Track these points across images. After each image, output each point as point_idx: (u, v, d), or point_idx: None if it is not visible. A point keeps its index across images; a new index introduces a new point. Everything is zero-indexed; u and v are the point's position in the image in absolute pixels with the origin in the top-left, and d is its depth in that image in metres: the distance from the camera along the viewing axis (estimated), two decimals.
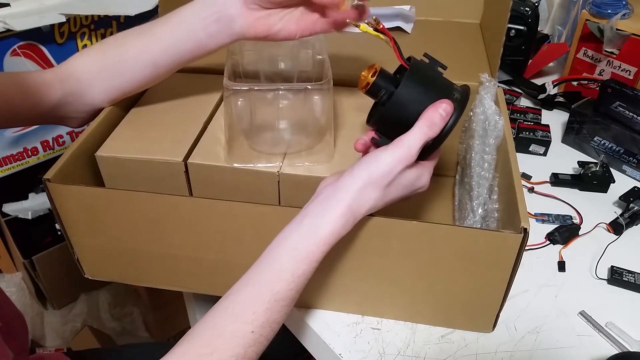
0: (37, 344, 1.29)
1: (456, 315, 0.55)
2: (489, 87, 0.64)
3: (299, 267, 0.43)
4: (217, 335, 0.40)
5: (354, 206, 0.45)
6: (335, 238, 0.45)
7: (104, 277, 0.63)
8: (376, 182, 0.46)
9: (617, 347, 0.55)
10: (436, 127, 0.46)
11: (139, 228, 0.55)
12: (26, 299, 1.34)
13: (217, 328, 0.41)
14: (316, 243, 0.44)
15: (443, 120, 0.47)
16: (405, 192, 0.48)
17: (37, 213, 1.22)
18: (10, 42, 0.97)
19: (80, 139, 0.59)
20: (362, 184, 0.45)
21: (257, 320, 0.41)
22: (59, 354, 0.75)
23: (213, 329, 0.41)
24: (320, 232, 0.44)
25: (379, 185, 0.46)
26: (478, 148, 0.63)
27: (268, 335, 0.43)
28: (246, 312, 0.41)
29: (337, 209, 0.44)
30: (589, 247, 0.67)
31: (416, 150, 0.46)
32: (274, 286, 0.43)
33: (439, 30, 0.82)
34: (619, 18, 0.84)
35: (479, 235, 0.48)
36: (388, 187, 0.46)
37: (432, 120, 0.46)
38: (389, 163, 0.45)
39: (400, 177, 0.46)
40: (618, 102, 0.79)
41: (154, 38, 0.57)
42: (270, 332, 0.43)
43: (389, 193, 0.47)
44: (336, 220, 0.44)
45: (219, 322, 0.41)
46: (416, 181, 0.48)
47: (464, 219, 0.63)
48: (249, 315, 0.41)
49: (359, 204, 0.45)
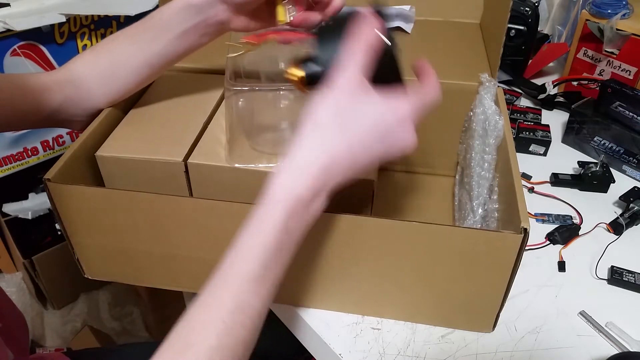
0: (37, 344, 1.29)
1: (456, 315, 0.55)
2: (489, 87, 0.65)
3: (256, 241, 0.39)
4: (190, 329, 0.38)
5: (305, 159, 0.39)
6: (296, 203, 0.39)
7: (104, 277, 0.63)
8: (319, 122, 0.39)
9: (617, 347, 0.55)
10: (366, 39, 0.40)
11: (139, 228, 0.55)
12: (26, 299, 1.34)
13: (190, 322, 0.38)
14: (273, 219, 0.39)
15: (372, 30, 0.40)
16: (376, 134, 0.40)
17: (37, 213, 1.23)
18: (10, 42, 0.97)
19: (81, 139, 0.59)
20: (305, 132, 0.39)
21: (224, 307, 0.38)
22: (59, 354, 0.75)
23: (187, 323, 0.38)
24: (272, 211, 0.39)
25: (326, 126, 0.39)
26: (478, 148, 0.63)
27: (244, 322, 0.38)
28: (215, 300, 0.38)
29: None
30: (589, 247, 0.67)
31: (355, 69, 0.39)
32: (234, 266, 0.39)
33: (439, 30, 0.82)
34: (619, 18, 0.84)
35: (479, 235, 0.48)
36: (342, 125, 0.39)
37: (359, 36, 0.40)
38: (323, 94, 0.39)
39: (353, 108, 0.39)
40: (618, 102, 0.79)
41: (146, 44, 0.57)
42: (245, 318, 0.38)
43: (348, 132, 0.39)
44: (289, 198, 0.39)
45: (192, 316, 0.39)
46: (385, 116, 0.40)
47: (464, 219, 0.63)
48: (217, 303, 0.38)
49: (308, 156, 0.39)
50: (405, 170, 0.79)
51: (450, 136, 0.72)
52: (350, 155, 0.40)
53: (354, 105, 0.39)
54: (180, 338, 0.37)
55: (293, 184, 0.39)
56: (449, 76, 0.68)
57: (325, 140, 0.39)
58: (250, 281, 0.38)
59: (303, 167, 0.40)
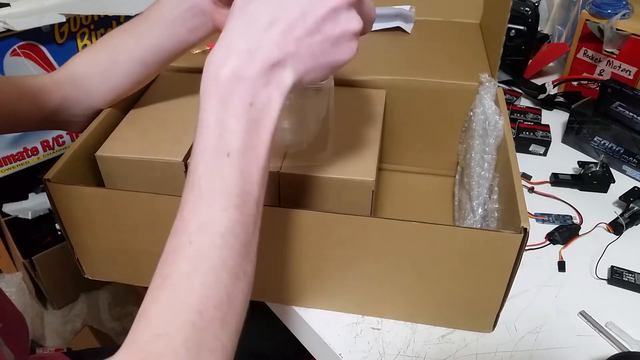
0: (37, 344, 1.29)
1: (456, 315, 0.55)
2: (489, 87, 0.65)
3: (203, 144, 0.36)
4: (163, 260, 0.35)
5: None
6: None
7: (104, 277, 0.63)
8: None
9: (617, 347, 0.55)
10: None
11: (139, 228, 0.55)
12: (26, 299, 1.34)
13: (163, 254, 0.36)
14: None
15: None
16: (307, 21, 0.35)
17: (37, 213, 1.23)
18: (10, 42, 0.97)
19: (81, 139, 0.59)
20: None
21: (187, 227, 0.35)
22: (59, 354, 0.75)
23: (162, 256, 0.36)
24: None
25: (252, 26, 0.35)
26: (478, 148, 0.63)
27: (213, 241, 0.34)
28: (179, 223, 0.36)
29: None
30: (589, 247, 0.67)
31: None
32: (191, 181, 0.36)
33: (439, 30, 0.82)
34: (619, 18, 0.84)
35: (478, 235, 0.48)
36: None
37: None
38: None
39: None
40: (618, 102, 0.79)
41: (138, 38, 0.57)
42: (212, 237, 0.34)
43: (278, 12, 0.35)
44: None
45: (165, 248, 0.36)
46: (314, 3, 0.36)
47: (463, 219, 0.63)
48: (181, 226, 0.36)
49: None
50: (405, 170, 0.79)
51: (450, 136, 0.73)
52: (290, 26, 0.36)
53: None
54: (158, 271, 0.35)
55: (225, 60, 0.37)
56: (449, 76, 0.69)
57: (261, 12, 0.36)
58: (203, 194, 0.35)
59: (240, 43, 0.36)
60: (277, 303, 0.60)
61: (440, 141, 0.74)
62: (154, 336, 0.31)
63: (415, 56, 0.75)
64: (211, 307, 0.33)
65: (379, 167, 0.63)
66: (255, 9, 0.36)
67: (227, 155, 0.35)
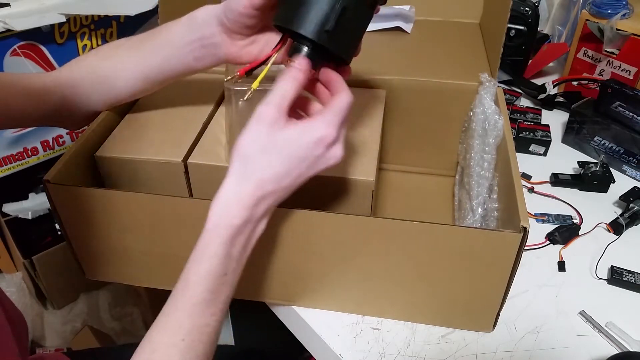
0: (37, 344, 1.29)
1: (456, 315, 0.55)
2: (488, 87, 0.65)
3: (201, 267, 0.43)
4: (153, 350, 0.41)
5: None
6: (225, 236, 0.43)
7: (103, 277, 0.63)
8: (244, 154, 0.43)
9: (617, 347, 0.55)
10: (293, 75, 0.44)
11: (139, 229, 0.55)
12: (26, 299, 1.34)
13: (152, 343, 0.42)
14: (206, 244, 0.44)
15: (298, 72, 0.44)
16: (297, 158, 0.43)
17: (37, 213, 1.22)
18: (10, 42, 0.97)
19: (80, 139, 0.59)
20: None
21: (183, 329, 0.42)
22: (59, 354, 0.75)
23: (149, 344, 0.42)
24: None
25: (250, 158, 0.42)
26: (478, 148, 0.63)
27: (202, 339, 0.42)
28: (172, 322, 0.42)
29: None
30: (589, 247, 0.67)
31: (276, 100, 0.42)
32: (185, 292, 0.43)
33: (439, 30, 0.82)
34: (619, 18, 0.84)
35: (478, 234, 0.48)
36: (265, 154, 0.42)
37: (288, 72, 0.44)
38: (247, 127, 0.43)
39: (272, 139, 0.42)
40: (618, 102, 0.79)
41: (145, 55, 0.57)
42: (202, 335, 0.42)
43: (272, 161, 0.42)
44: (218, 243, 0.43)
45: (153, 336, 0.42)
46: (301, 141, 0.42)
47: (463, 219, 0.63)
48: (176, 325, 0.42)
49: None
50: (405, 170, 0.79)
51: (450, 136, 0.73)
52: (277, 181, 0.43)
53: (274, 135, 0.42)
54: (144, 358, 0.41)
55: (227, 214, 0.43)
56: (449, 76, 0.69)
57: (252, 171, 0.43)
58: (201, 304, 0.42)
59: (235, 199, 0.43)
60: (277, 303, 0.60)
61: (440, 141, 0.74)
62: None
63: (415, 56, 0.75)
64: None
65: (379, 167, 0.63)
66: (251, 167, 0.43)
67: (224, 275, 0.44)
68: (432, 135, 0.73)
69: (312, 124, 0.43)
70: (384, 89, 0.68)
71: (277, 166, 0.43)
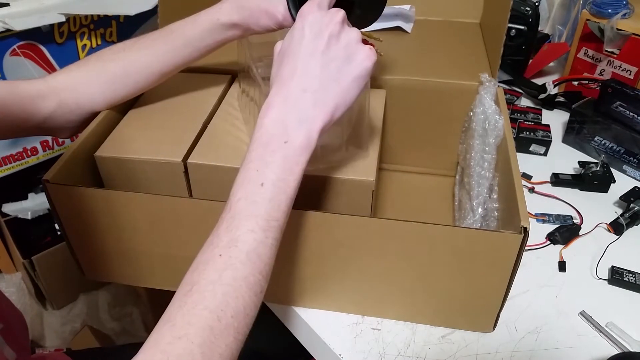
0: (37, 344, 1.29)
1: (456, 315, 0.55)
2: (489, 87, 0.65)
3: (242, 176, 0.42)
4: (193, 269, 0.39)
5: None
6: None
7: (103, 277, 0.63)
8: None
9: (617, 348, 0.55)
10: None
11: (139, 229, 0.55)
12: (26, 299, 1.34)
13: (194, 263, 0.40)
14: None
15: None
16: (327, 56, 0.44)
17: (36, 213, 1.22)
18: (10, 42, 0.97)
19: (80, 139, 0.58)
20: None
21: (220, 241, 0.39)
22: (60, 354, 0.75)
23: (192, 265, 0.40)
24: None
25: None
26: (478, 147, 0.63)
27: (240, 257, 0.39)
28: (213, 239, 0.40)
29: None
30: (589, 247, 0.67)
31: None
32: (230, 205, 0.41)
33: (439, 30, 0.82)
34: (620, 18, 0.84)
35: (478, 235, 0.48)
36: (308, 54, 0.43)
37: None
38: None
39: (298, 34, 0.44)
40: (618, 102, 0.79)
41: (164, 54, 0.59)
42: (239, 252, 0.39)
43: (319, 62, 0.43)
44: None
45: (196, 257, 0.40)
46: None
47: (463, 219, 0.63)
48: (215, 241, 0.40)
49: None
50: (405, 170, 0.78)
51: (450, 136, 0.72)
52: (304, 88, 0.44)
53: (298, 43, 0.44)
54: (187, 280, 0.39)
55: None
56: (449, 76, 0.68)
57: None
58: (236, 215, 0.40)
59: (270, 102, 0.44)
60: (277, 303, 0.60)
61: (440, 141, 0.74)
62: (175, 338, 0.34)
63: (415, 56, 0.75)
64: (229, 316, 0.36)
65: (379, 167, 0.62)
66: (283, 69, 0.45)
67: (261, 185, 0.41)
68: (432, 135, 0.73)
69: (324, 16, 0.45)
70: (384, 88, 0.68)
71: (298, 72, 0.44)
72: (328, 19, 0.44)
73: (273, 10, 0.54)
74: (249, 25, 0.56)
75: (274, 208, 0.41)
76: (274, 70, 0.46)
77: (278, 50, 0.47)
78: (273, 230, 0.41)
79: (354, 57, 0.44)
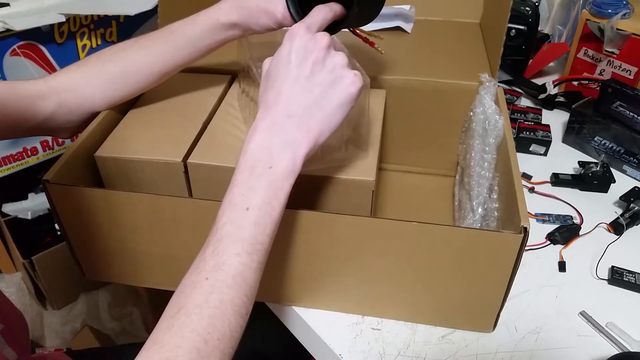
0: (37, 344, 1.29)
1: (456, 315, 0.55)
2: (489, 87, 0.65)
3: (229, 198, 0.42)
4: (180, 291, 0.40)
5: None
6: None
7: (103, 277, 0.63)
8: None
9: (617, 348, 0.55)
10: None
11: (139, 229, 0.55)
12: (26, 299, 1.34)
13: (181, 286, 0.40)
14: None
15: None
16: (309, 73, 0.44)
17: (36, 213, 1.22)
18: (10, 42, 0.97)
19: (80, 139, 0.58)
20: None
21: (207, 265, 0.40)
22: (60, 354, 0.75)
23: (179, 287, 0.40)
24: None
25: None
26: (478, 147, 0.63)
27: (226, 280, 0.39)
28: (200, 262, 0.41)
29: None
30: (589, 247, 0.67)
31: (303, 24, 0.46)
32: (216, 229, 0.42)
33: (439, 30, 0.82)
34: (620, 18, 0.84)
35: (478, 235, 0.48)
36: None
37: None
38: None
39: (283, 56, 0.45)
40: (618, 102, 0.79)
41: (164, 55, 0.59)
42: (226, 276, 0.39)
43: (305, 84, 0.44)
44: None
45: (183, 280, 0.41)
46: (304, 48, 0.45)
47: (463, 219, 0.63)
48: (201, 265, 0.40)
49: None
50: (405, 170, 0.78)
51: (450, 136, 0.72)
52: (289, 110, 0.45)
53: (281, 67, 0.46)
54: (174, 301, 0.39)
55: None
56: (449, 76, 0.68)
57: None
58: (222, 239, 0.41)
59: (256, 127, 0.44)
60: (277, 303, 0.60)
61: (440, 141, 0.74)
62: (163, 359, 0.35)
63: (415, 56, 0.75)
64: (215, 338, 0.37)
65: (379, 167, 0.62)
66: (269, 93, 0.46)
67: (246, 209, 0.41)
68: (432, 135, 0.73)
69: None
70: (384, 88, 0.68)
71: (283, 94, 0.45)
72: (313, 44, 0.45)
73: (272, 10, 0.54)
74: (248, 25, 0.56)
75: (259, 232, 0.42)
76: (261, 90, 0.47)
77: (266, 69, 0.47)
78: (258, 254, 0.41)
79: (339, 82, 0.45)
